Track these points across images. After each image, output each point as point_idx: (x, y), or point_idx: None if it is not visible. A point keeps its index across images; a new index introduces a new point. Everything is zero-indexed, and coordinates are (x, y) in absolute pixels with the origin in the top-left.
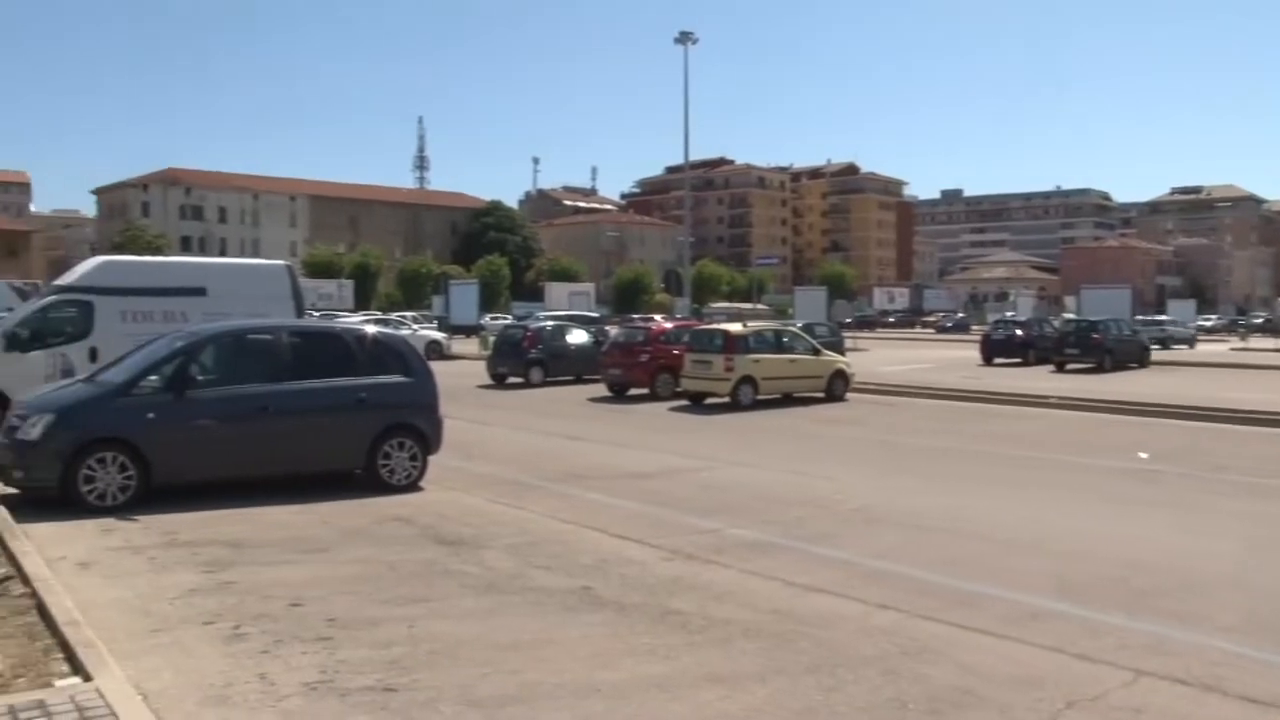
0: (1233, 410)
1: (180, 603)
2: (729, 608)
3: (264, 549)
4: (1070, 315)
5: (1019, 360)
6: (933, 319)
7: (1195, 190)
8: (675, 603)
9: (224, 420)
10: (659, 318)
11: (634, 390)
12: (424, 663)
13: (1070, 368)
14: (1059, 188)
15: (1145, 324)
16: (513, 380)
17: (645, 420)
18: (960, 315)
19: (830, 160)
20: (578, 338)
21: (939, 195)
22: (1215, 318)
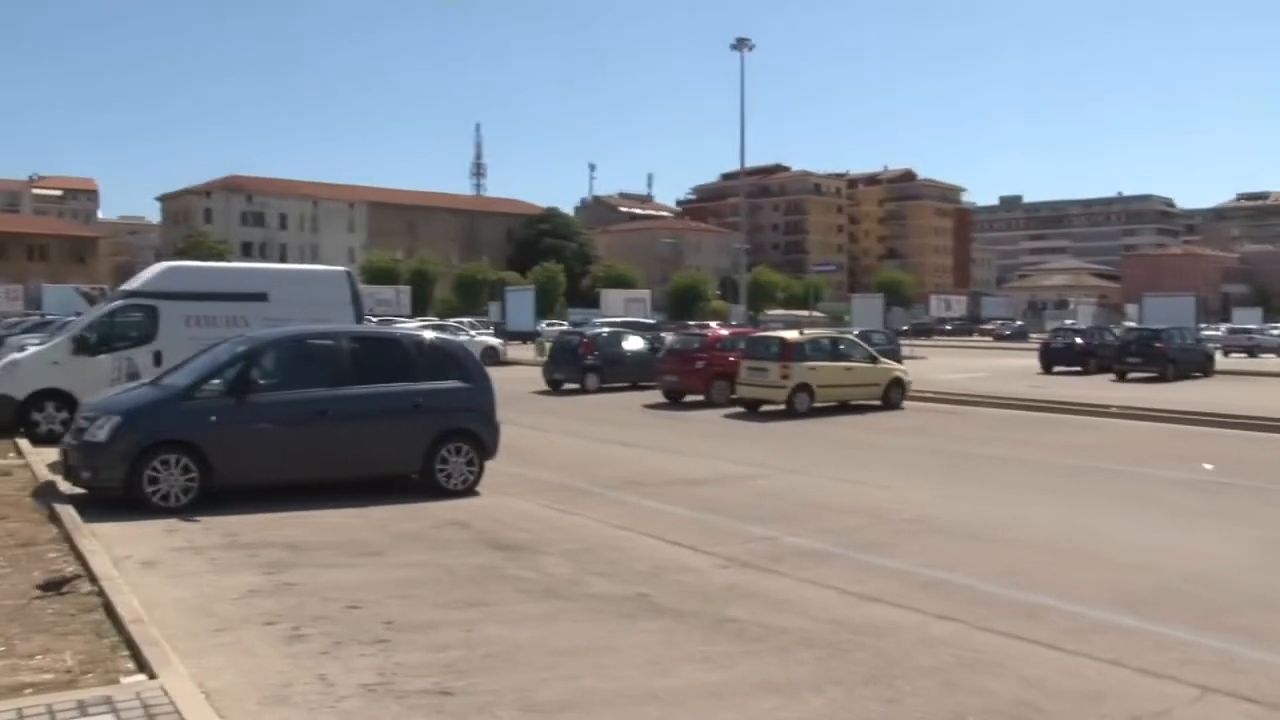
0: None
1: (241, 603)
2: (785, 616)
3: (322, 551)
4: (1132, 323)
5: (1079, 369)
6: (991, 327)
7: (1262, 196)
8: (731, 611)
9: (284, 424)
10: (715, 324)
11: (689, 397)
12: (481, 667)
13: (1132, 377)
14: (1121, 194)
15: (1233, 332)
16: (568, 386)
17: (700, 427)
18: (1019, 323)
19: (887, 167)
20: (633, 344)
21: (997, 202)
22: None
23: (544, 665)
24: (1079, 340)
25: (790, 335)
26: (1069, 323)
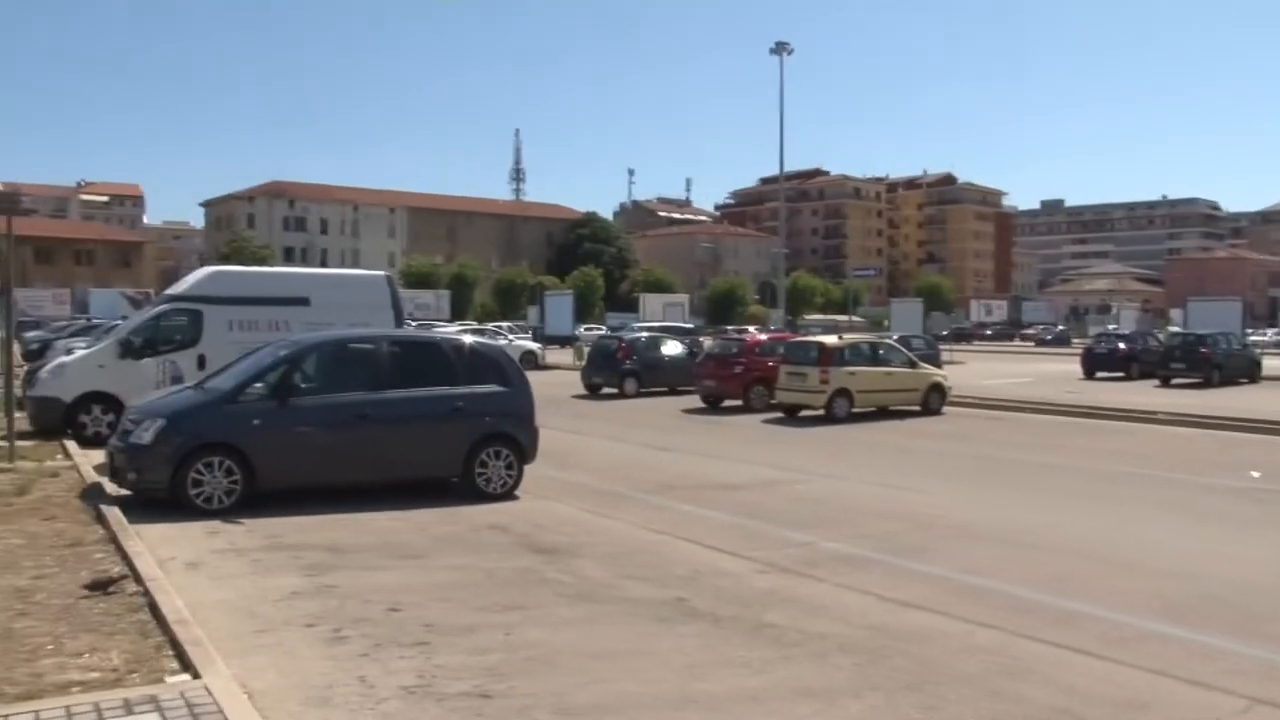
0: None
1: (283, 605)
2: (823, 622)
3: (363, 554)
4: (1176, 328)
5: (1122, 374)
6: (1032, 332)
7: None
8: (769, 616)
9: (325, 427)
10: (753, 329)
11: (728, 402)
12: (520, 670)
13: (1176, 382)
14: (1165, 197)
15: None
16: (607, 391)
17: (739, 432)
18: (1060, 328)
19: (927, 170)
20: (672, 349)
21: (1039, 205)
22: None
23: (582, 669)
24: (1122, 345)
25: (829, 340)
26: (1112, 328)
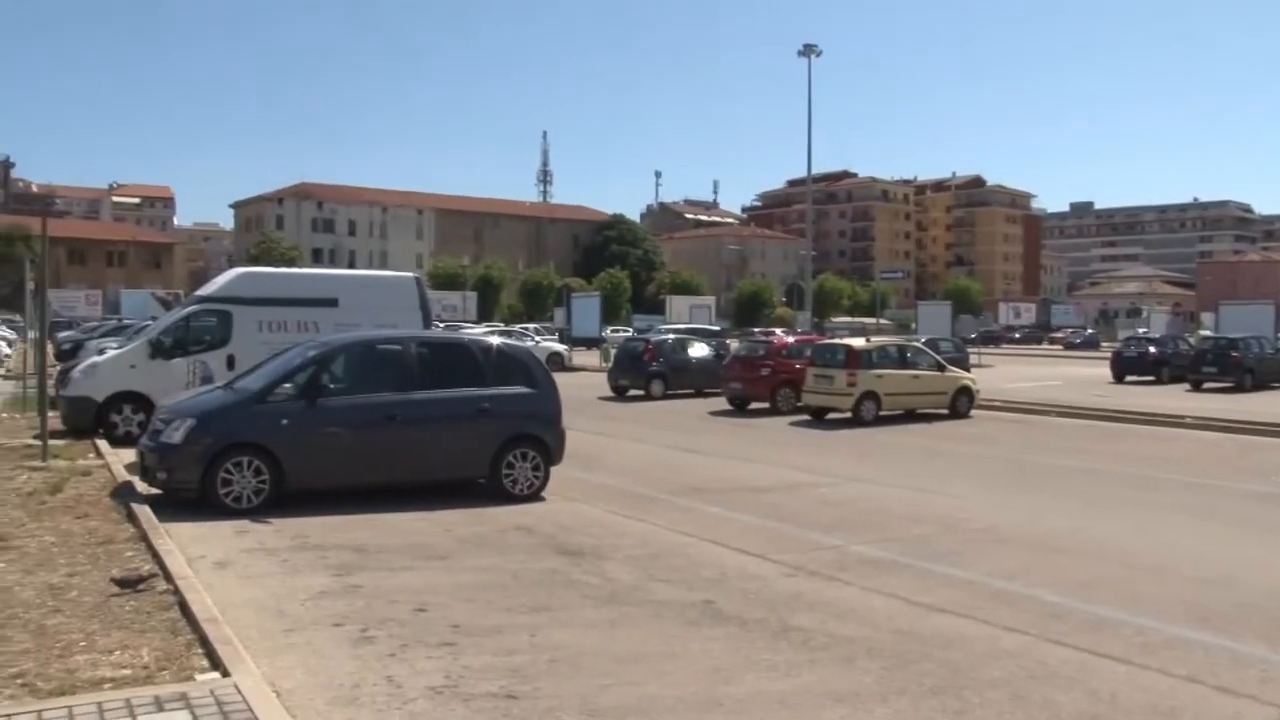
0: None
1: (311, 604)
2: (851, 626)
3: (390, 555)
4: (1207, 332)
5: (1152, 378)
6: (1061, 335)
7: None
8: (797, 619)
9: (353, 428)
10: (780, 332)
11: (755, 405)
12: (545, 671)
13: (1207, 387)
14: (1196, 199)
15: None
16: (633, 393)
17: (766, 435)
18: (1090, 331)
19: (955, 173)
20: (698, 351)
21: (1068, 208)
22: None
23: (608, 671)
24: (1152, 349)
25: (856, 343)
26: (1142, 331)
